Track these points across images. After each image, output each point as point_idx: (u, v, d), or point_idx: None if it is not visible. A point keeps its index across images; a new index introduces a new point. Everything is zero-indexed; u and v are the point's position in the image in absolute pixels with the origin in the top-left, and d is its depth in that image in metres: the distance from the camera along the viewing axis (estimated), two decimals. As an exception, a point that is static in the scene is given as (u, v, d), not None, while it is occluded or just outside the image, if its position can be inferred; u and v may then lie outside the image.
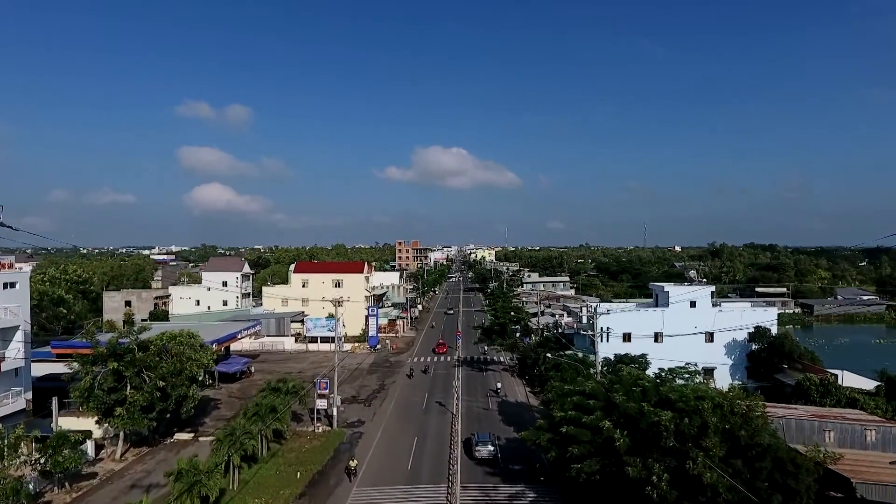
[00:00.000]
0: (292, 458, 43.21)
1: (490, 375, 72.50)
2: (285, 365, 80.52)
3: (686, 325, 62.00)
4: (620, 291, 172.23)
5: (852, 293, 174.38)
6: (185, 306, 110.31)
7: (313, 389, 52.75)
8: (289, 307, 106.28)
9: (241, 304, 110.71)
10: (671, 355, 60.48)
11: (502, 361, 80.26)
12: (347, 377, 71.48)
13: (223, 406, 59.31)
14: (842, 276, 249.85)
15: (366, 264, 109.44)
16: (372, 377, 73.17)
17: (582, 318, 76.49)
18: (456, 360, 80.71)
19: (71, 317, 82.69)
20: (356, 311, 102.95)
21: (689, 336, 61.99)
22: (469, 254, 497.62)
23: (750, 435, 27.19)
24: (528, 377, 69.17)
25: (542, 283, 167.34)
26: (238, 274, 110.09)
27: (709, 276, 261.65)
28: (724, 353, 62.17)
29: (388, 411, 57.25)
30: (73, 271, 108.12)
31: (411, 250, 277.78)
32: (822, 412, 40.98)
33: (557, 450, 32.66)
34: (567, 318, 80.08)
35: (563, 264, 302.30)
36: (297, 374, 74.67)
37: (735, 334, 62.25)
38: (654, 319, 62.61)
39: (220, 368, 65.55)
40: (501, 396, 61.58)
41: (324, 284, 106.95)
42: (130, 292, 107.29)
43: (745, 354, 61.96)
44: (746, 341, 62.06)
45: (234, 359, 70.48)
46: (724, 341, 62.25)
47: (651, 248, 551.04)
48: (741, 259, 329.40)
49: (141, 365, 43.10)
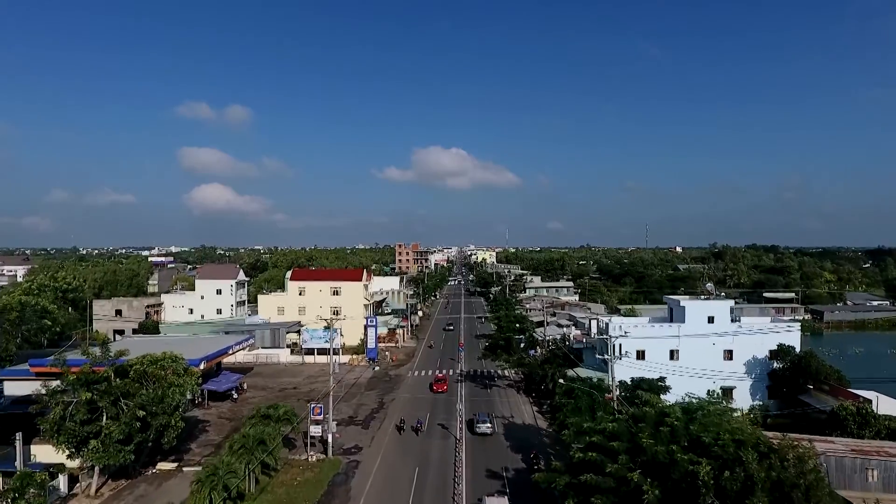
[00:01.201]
0: (282, 495, 39.57)
1: (495, 393, 68.96)
2: (280, 379, 77.00)
3: (703, 342, 58.44)
4: (625, 296, 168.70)
5: (861, 298, 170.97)
6: (179, 314, 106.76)
7: (308, 413, 49.20)
8: (285, 316, 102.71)
9: (236, 313, 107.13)
10: (688, 374, 57.08)
11: (507, 376, 76.71)
12: (344, 394, 67.95)
13: (212, 429, 55.71)
14: (847, 279, 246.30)
15: (364, 271, 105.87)
16: (371, 394, 69.60)
17: (591, 330, 72.98)
18: (459, 375, 77.15)
19: (56, 329, 79.08)
20: (355, 320, 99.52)
21: (707, 353, 58.43)
22: (470, 255, 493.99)
23: (804, 493, 23.60)
24: (535, 394, 65.65)
25: (546, 289, 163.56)
26: (233, 282, 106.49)
27: (712, 279, 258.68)
28: (743, 371, 58.62)
29: (387, 434, 53.71)
30: (63, 278, 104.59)
31: (411, 253, 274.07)
32: (863, 446, 37.45)
33: (576, 498, 29.14)
34: (575, 330, 76.50)
35: (565, 267, 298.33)
36: (293, 389, 71.23)
37: (755, 351, 58.69)
38: (670, 336, 59.03)
39: (209, 387, 61.97)
40: (508, 418, 58.05)
41: (321, 293, 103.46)
42: (121, 300, 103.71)
43: (767, 373, 58.37)
44: (767, 359, 58.50)
45: (225, 375, 66.89)
46: (743, 359, 58.67)
47: (652, 249, 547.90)
48: (745, 261, 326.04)
49: (118, 393, 39.53)
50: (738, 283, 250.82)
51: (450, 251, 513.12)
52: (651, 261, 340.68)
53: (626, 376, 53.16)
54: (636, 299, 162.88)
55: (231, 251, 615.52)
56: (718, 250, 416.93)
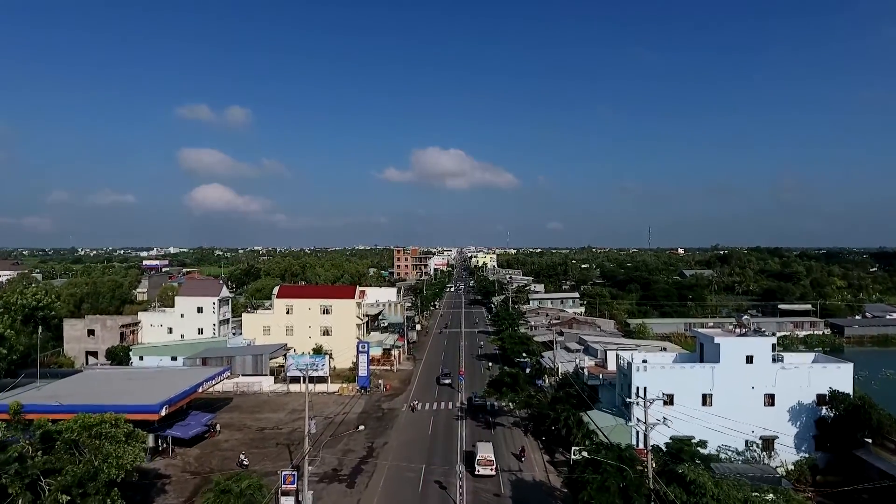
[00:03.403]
0: None
1: (500, 434, 61.31)
2: (260, 414, 69.28)
3: (741, 385, 50.80)
4: (632, 308, 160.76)
5: (880, 309, 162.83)
6: (157, 334, 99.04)
7: (283, 479, 41.55)
8: (271, 336, 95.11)
9: (219, 332, 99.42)
10: (723, 421, 49.47)
11: (512, 409, 68.94)
12: (330, 437, 60.30)
13: (172, 487, 47.85)
14: (858, 285, 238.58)
15: (357, 288, 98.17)
16: (360, 435, 61.89)
17: (606, 362, 65.34)
18: (458, 409, 69.43)
19: (14, 357, 71.39)
20: (347, 340, 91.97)
21: (745, 398, 50.78)
22: (470, 257, 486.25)
23: None
24: (545, 437, 58.00)
25: (551, 300, 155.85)
26: (215, 299, 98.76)
27: (720, 285, 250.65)
28: (787, 419, 50.90)
29: (375, 494, 46.13)
30: (32, 295, 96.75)
31: (410, 258, 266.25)
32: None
33: None
34: (587, 360, 68.83)
35: (568, 271, 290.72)
36: (273, 429, 63.53)
37: (800, 395, 50.99)
38: (702, 378, 51.34)
39: (174, 433, 54.26)
40: (515, 472, 50.42)
41: (311, 311, 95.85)
42: (94, 319, 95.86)
43: (814, 421, 50.69)
44: (815, 404, 50.81)
45: (194, 416, 59.15)
46: (787, 404, 50.94)
47: (654, 251, 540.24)
48: (750, 266, 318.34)
49: (37, 472, 31.88)
50: (747, 291, 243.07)
51: (450, 253, 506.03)
52: (654, 264, 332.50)
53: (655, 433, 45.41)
54: (645, 311, 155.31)
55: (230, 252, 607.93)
56: (722, 253, 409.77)
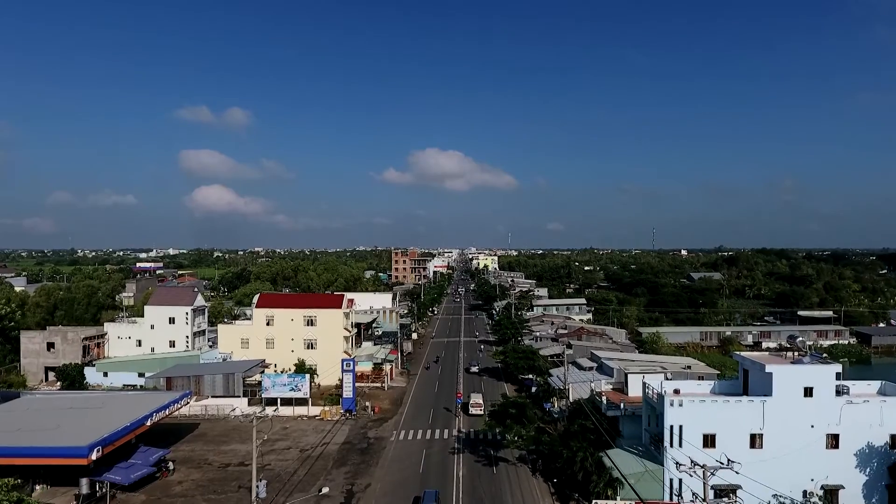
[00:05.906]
0: None
1: (502, 473, 52.26)
2: (227, 446, 60.08)
3: (798, 424, 41.72)
4: (641, 314, 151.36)
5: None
6: (124, 347, 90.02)
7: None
8: (250, 349, 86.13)
9: (193, 345, 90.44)
10: (776, 468, 40.52)
11: (517, 441, 59.76)
12: (305, 474, 51.38)
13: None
14: (873, 288, 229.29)
15: (344, 297, 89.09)
16: (339, 472, 52.88)
17: (626, 386, 56.26)
18: (455, 442, 60.25)
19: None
20: (333, 354, 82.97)
21: (803, 439, 41.71)
22: (471, 259, 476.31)
23: None
24: (557, 479, 48.96)
25: (556, 306, 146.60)
26: (188, 309, 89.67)
27: (730, 289, 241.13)
28: (854, 464, 41.81)
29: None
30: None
31: (408, 261, 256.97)
32: None
33: None
34: (603, 382, 59.72)
35: (571, 274, 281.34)
36: (239, 466, 54.36)
37: (869, 435, 41.90)
38: (750, 414, 42.20)
39: (112, 476, 45.04)
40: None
41: (293, 322, 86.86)
42: (55, 331, 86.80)
43: (887, 467, 41.60)
44: (888, 447, 41.73)
45: (143, 453, 50.04)
46: (854, 447, 41.83)
47: (657, 252, 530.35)
48: (759, 268, 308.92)
49: None
50: (759, 295, 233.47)
51: (450, 255, 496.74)
52: (660, 267, 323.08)
53: (693, 479, 36.35)
54: (656, 318, 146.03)
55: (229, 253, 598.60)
56: (729, 255, 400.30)
